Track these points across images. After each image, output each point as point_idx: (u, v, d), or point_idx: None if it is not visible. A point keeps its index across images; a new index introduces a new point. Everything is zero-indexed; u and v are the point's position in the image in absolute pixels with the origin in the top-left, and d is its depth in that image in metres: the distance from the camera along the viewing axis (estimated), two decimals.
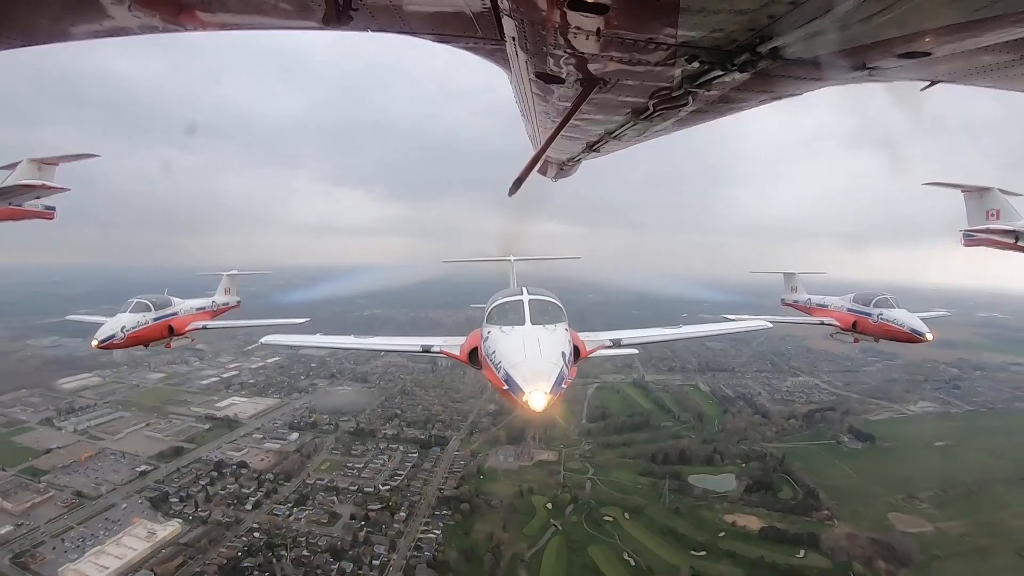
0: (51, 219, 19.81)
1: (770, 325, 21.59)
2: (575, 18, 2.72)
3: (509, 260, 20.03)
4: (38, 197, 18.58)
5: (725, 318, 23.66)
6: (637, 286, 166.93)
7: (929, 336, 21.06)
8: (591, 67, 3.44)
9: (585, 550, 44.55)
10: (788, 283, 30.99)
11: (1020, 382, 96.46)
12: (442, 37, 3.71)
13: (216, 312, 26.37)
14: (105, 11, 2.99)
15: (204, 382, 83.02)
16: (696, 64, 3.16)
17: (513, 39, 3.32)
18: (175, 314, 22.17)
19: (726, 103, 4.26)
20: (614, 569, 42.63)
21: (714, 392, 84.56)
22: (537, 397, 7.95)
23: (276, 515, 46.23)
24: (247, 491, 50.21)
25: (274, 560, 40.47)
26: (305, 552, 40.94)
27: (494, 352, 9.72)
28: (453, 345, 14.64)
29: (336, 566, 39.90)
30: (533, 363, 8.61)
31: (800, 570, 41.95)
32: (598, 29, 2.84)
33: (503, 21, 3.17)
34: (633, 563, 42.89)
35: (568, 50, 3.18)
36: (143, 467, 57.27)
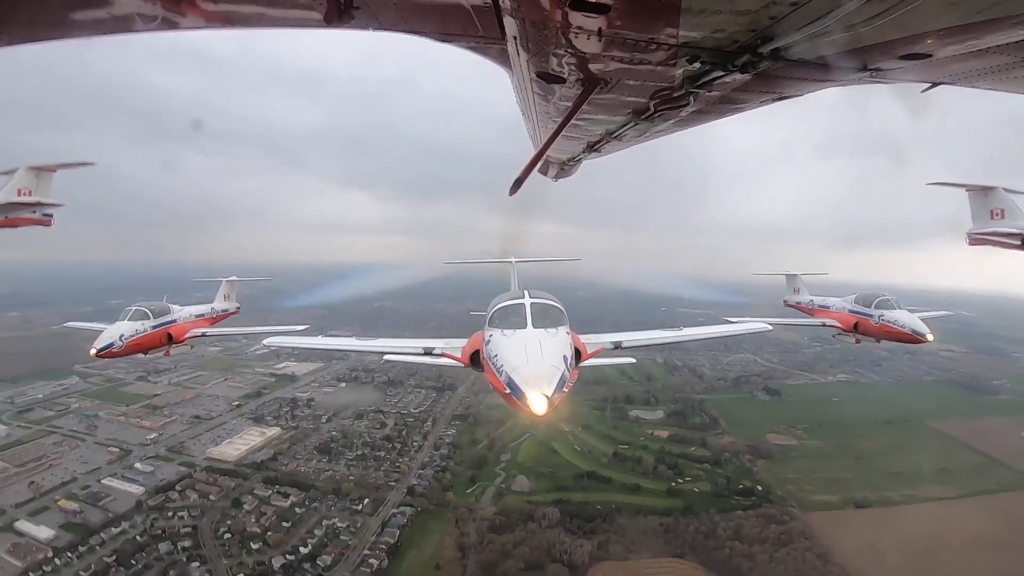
0: (48, 226, 20.14)
1: (770, 327, 22.26)
2: (576, 18, 2.87)
3: (510, 262, 20.81)
4: (34, 212, 19.32)
5: (727, 320, 23.86)
6: (626, 284, 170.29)
7: (930, 336, 21.21)
8: (592, 67, 3.63)
9: (549, 443, 67.23)
10: (790, 284, 30.91)
11: (941, 363, 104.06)
12: (444, 36, 3.94)
13: (215, 319, 26.64)
14: (105, 3, 3.19)
15: (257, 353, 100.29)
16: (697, 65, 3.33)
17: (515, 38, 3.53)
18: (174, 322, 22.96)
19: (727, 104, 4.44)
20: (566, 452, 66.11)
21: (667, 363, 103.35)
22: (538, 401, 8.68)
23: (344, 424, 70.88)
24: (320, 413, 74.78)
25: (350, 443, 65.07)
26: (367, 440, 66.05)
27: (496, 355, 10.32)
28: (455, 348, 15.76)
29: (390, 445, 64.92)
30: (534, 367, 9.29)
31: (687, 455, 64.28)
32: (599, 29, 3.00)
33: (504, 20, 3.37)
34: (579, 449, 66.59)
35: (569, 50, 3.37)
36: (236, 402, 79.44)
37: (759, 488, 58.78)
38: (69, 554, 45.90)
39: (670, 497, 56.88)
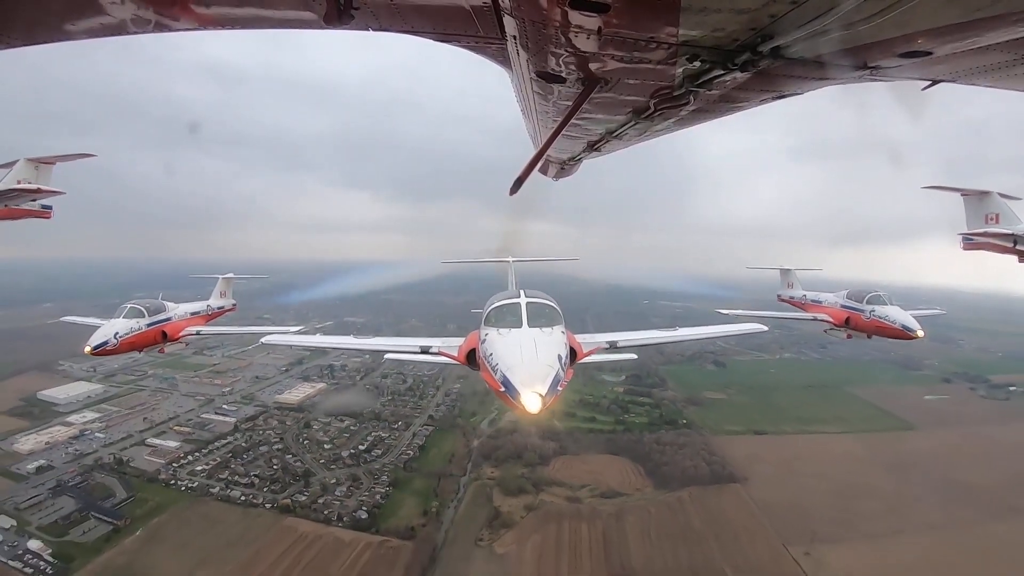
0: (48, 218, 20.69)
1: (765, 328, 22.84)
2: (576, 17, 2.97)
3: (508, 261, 21.76)
4: (34, 200, 19.60)
5: (719, 312, 25.37)
6: (615, 278, 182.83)
7: (920, 333, 21.80)
8: (592, 66, 3.72)
9: None
10: (784, 279, 33.17)
11: (885, 346, 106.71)
12: (444, 36, 4.06)
13: (211, 316, 28.06)
14: (101, 6, 3.35)
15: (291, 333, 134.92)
16: (697, 63, 3.43)
17: (514, 38, 3.61)
18: (169, 319, 24.00)
19: (727, 102, 4.49)
20: None
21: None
22: (532, 400, 9.17)
23: (374, 380, 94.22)
24: (355, 374, 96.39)
25: (382, 392, 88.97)
26: (394, 390, 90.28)
27: (491, 354, 10.81)
28: (451, 346, 16.50)
29: (412, 393, 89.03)
30: (529, 366, 9.79)
31: (635, 401, 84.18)
32: (599, 28, 3.12)
33: (504, 20, 3.47)
34: None
35: (569, 49, 3.47)
36: (284, 368, 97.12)
37: (683, 421, 76.60)
38: (197, 453, 61.63)
39: (616, 424, 75.77)
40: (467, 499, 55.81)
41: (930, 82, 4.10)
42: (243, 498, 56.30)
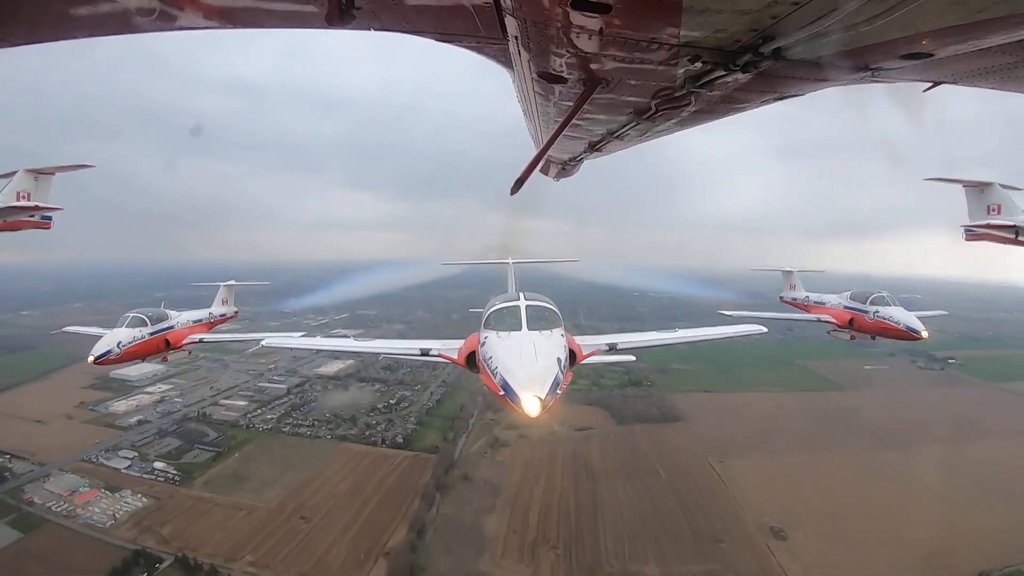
0: (48, 229, 21.66)
1: (764, 330, 23.44)
2: (578, 17, 3.10)
3: (508, 262, 22.47)
4: (32, 216, 20.45)
5: (722, 314, 25.45)
6: (609, 276, 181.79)
7: (924, 334, 22.20)
8: (594, 67, 3.85)
9: None
10: (786, 280, 33.93)
11: None
12: (445, 36, 4.21)
13: (213, 324, 28.79)
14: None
15: (313, 324, 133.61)
16: (699, 64, 3.56)
17: (516, 38, 3.72)
18: (171, 328, 25.00)
19: (728, 103, 4.64)
20: None
21: (621, 329, 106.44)
22: (532, 403, 9.68)
23: (391, 358, 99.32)
24: (377, 353, 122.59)
25: (401, 365, 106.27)
26: (411, 364, 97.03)
27: (491, 357, 11.28)
28: (451, 348, 17.17)
29: (427, 366, 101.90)
30: (528, 369, 10.29)
31: (609, 370, 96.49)
32: (601, 29, 3.24)
33: (506, 20, 3.58)
34: None
35: (571, 50, 3.60)
36: (315, 350, 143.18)
37: (648, 383, 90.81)
38: (262, 409, 75.42)
39: (592, 386, 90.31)
40: (475, 431, 72.74)
41: (931, 84, 4.08)
42: (308, 433, 71.38)
